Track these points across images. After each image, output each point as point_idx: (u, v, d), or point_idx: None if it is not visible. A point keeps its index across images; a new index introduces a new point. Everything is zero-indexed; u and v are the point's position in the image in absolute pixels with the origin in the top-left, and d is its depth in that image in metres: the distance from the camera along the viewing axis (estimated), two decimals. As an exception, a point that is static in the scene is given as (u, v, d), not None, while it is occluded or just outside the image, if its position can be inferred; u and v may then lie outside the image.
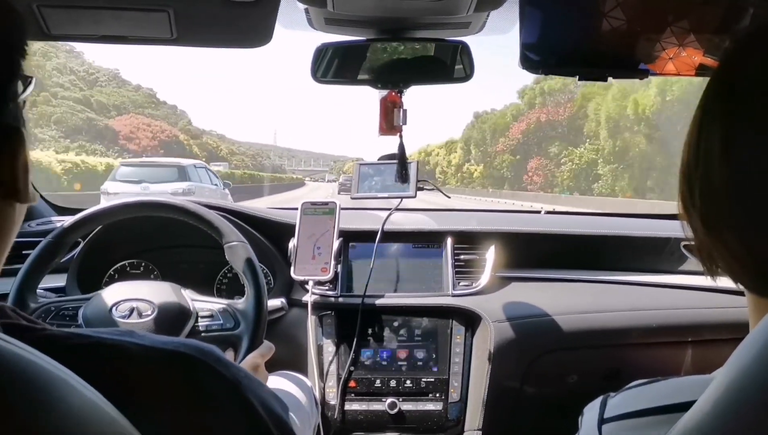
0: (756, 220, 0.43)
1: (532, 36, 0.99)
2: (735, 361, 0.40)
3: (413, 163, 1.36)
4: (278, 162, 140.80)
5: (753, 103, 0.44)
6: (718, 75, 0.48)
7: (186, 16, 0.99)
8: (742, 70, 0.46)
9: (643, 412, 0.50)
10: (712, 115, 0.47)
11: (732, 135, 0.44)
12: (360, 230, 1.53)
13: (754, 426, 0.37)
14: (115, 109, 57.12)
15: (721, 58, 0.48)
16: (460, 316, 1.42)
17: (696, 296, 1.45)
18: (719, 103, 0.47)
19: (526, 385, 1.40)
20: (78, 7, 0.98)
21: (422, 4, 1.00)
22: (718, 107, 0.47)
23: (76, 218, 1.18)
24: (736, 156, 0.44)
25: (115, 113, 55.41)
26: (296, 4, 1.02)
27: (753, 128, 0.43)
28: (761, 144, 0.42)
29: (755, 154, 0.43)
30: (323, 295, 1.44)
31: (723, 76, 0.48)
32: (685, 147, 0.49)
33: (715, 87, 0.48)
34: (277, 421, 0.53)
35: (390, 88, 1.21)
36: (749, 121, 0.44)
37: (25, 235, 1.51)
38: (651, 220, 1.84)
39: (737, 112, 0.45)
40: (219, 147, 73.48)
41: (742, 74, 0.46)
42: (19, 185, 0.48)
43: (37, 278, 1.16)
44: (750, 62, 0.46)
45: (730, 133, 0.44)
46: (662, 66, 0.99)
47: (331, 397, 1.38)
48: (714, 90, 0.48)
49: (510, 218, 1.85)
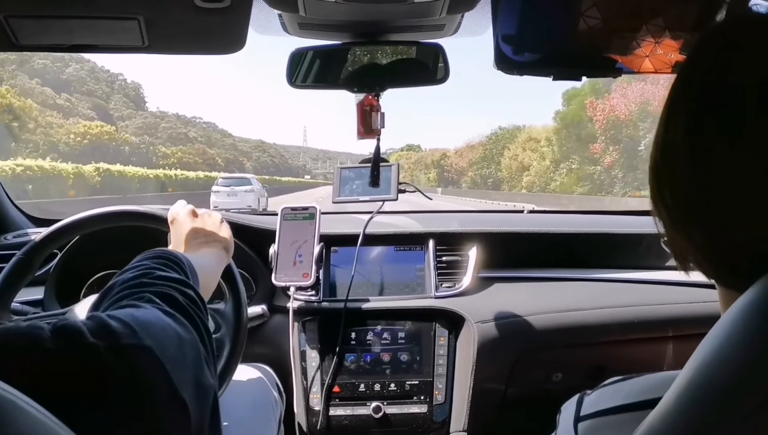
0: (719, 213, 0.44)
1: (506, 37, 0.99)
2: (697, 356, 0.41)
3: (394, 166, 1.36)
4: (309, 164, 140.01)
5: (710, 99, 0.44)
6: (681, 72, 0.49)
7: (156, 24, 0.98)
8: (699, 68, 0.47)
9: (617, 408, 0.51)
10: (676, 113, 0.47)
11: (694, 131, 0.45)
12: (341, 234, 1.52)
13: (714, 419, 0.37)
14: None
15: (687, 56, 0.49)
16: (443, 317, 1.42)
17: (676, 291, 1.46)
18: (682, 101, 0.47)
19: (510, 385, 1.40)
20: (47, 17, 0.97)
21: (394, 8, 1.00)
22: (681, 104, 0.47)
23: (47, 232, 1.15)
24: (698, 153, 0.45)
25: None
26: (270, 9, 1.02)
27: (712, 124, 0.44)
28: (720, 140, 0.43)
29: (716, 150, 0.44)
30: (305, 301, 1.43)
31: (684, 73, 0.48)
32: (654, 142, 0.49)
33: (678, 84, 0.48)
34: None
35: (366, 92, 1.21)
36: (709, 117, 0.44)
37: (1, 248, 1.49)
38: (632, 217, 1.85)
39: (697, 109, 0.45)
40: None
41: (699, 71, 0.47)
42: None
43: (10, 295, 1.12)
44: (705, 59, 0.46)
45: (692, 130, 0.45)
46: (639, 64, 1.00)
47: (315, 402, 1.37)
48: (677, 87, 0.48)
49: (492, 218, 1.85)
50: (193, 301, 0.66)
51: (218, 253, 0.97)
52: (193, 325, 0.61)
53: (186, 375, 0.54)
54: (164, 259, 0.74)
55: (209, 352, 0.62)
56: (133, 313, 0.55)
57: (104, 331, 0.49)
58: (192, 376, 0.55)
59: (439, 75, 1.18)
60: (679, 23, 0.95)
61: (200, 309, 0.66)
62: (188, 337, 0.58)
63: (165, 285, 0.66)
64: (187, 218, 1.00)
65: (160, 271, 0.69)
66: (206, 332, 0.64)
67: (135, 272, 0.69)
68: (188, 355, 0.56)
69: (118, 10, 0.94)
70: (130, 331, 0.51)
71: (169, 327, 0.57)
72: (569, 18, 0.97)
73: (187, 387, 0.53)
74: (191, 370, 0.55)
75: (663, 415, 0.40)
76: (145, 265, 0.71)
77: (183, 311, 0.62)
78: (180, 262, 0.75)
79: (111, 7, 0.94)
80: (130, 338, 0.50)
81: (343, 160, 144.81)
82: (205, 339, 0.62)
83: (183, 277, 0.72)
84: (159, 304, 0.61)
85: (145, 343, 0.51)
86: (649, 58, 0.99)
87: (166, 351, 0.52)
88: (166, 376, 0.51)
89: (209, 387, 0.58)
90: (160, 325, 0.56)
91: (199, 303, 0.67)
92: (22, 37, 1.00)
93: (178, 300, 0.64)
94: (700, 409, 0.38)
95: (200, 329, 0.62)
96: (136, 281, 0.66)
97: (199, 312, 0.65)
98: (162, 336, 0.54)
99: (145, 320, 0.54)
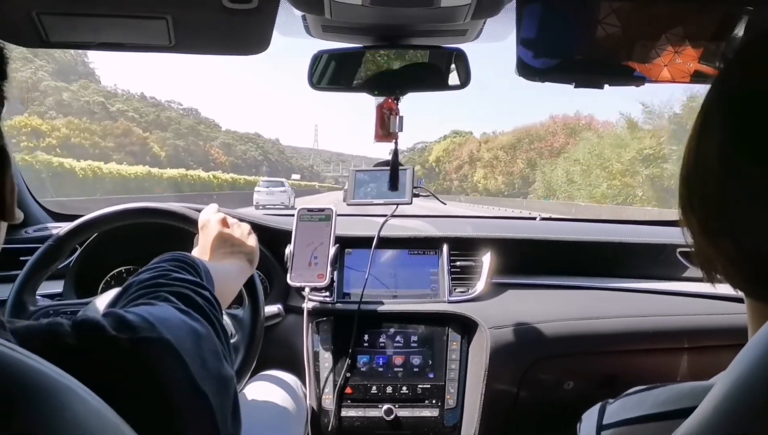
0: (751, 224, 0.44)
1: (528, 43, 0.99)
2: (736, 367, 0.39)
3: (409, 170, 1.37)
4: (319, 166, 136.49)
5: (749, 111, 0.44)
6: (718, 82, 0.48)
7: (184, 24, 0.99)
8: (739, 79, 0.46)
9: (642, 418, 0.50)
10: (711, 121, 0.47)
11: (729, 141, 0.45)
12: (356, 236, 1.53)
13: (755, 432, 0.36)
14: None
15: (721, 66, 0.49)
16: (456, 322, 1.43)
17: (691, 302, 1.45)
18: (718, 110, 0.47)
19: (522, 391, 1.39)
20: (77, 15, 0.98)
21: (419, 12, 1.01)
22: (716, 113, 0.47)
23: (76, 224, 1.18)
24: (732, 162, 0.44)
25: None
26: (293, 11, 1.03)
27: (747, 135, 0.43)
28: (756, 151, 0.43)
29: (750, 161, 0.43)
30: (319, 302, 1.44)
31: (722, 83, 0.48)
32: (686, 152, 0.49)
33: (714, 93, 0.48)
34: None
35: (387, 95, 1.21)
36: (746, 128, 0.44)
37: (23, 242, 1.51)
38: (646, 226, 1.85)
39: (734, 120, 0.45)
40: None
41: (739, 82, 0.46)
42: (6, 205, 0.49)
43: (37, 282, 1.16)
44: (747, 71, 0.46)
45: (727, 140, 0.45)
46: (657, 73, 1.00)
47: (327, 403, 1.38)
48: (713, 96, 0.48)
49: (505, 225, 1.85)
50: (208, 301, 0.67)
51: (242, 264, 0.99)
52: (209, 321, 0.63)
53: (205, 367, 0.54)
54: (181, 262, 0.76)
55: (226, 347, 0.63)
56: (149, 309, 0.56)
57: (124, 325, 0.50)
58: (211, 368, 0.56)
59: (459, 80, 1.19)
60: (699, 33, 0.95)
61: (215, 308, 0.68)
62: (204, 332, 0.59)
63: (181, 285, 0.67)
64: (217, 226, 1.02)
65: (176, 273, 0.71)
66: (222, 329, 0.65)
67: (152, 273, 0.70)
68: (205, 348, 0.57)
69: (147, 9, 0.96)
70: (149, 325, 0.52)
71: (185, 323, 0.58)
72: (589, 25, 0.97)
73: (207, 379, 0.53)
74: (210, 363, 0.56)
75: (700, 424, 0.39)
76: (162, 267, 0.73)
77: (198, 309, 0.63)
78: (196, 265, 0.77)
79: (140, 7, 0.95)
80: (150, 332, 0.51)
81: (357, 163, 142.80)
82: (220, 335, 0.63)
83: (197, 279, 0.73)
84: (175, 302, 0.62)
85: (165, 336, 0.52)
86: (667, 67, 0.99)
87: (184, 344, 0.53)
88: (186, 368, 0.52)
89: (229, 378, 0.59)
90: (175, 320, 0.57)
91: (214, 303, 0.69)
92: (52, 34, 1.01)
93: (193, 298, 0.65)
94: (740, 420, 0.37)
95: (215, 326, 0.63)
96: (152, 281, 0.67)
97: (214, 311, 0.67)
98: (179, 331, 0.55)
99: (162, 315, 0.55)
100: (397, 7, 0.96)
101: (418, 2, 0.94)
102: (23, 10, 0.92)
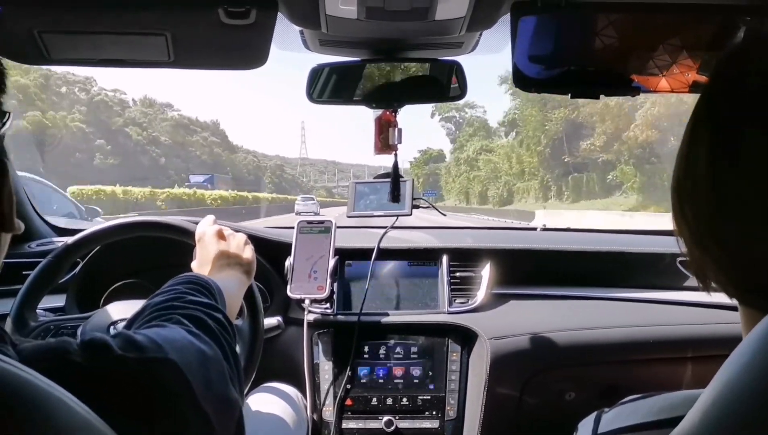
0: (739, 232, 0.44)
1: (524, 55, 1.00)
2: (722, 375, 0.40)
3: (408, 182, 1.37)
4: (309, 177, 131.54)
5: (736, 120, 0.45)
6: (706, 92, 0.49)
7: (183, 40, 1.00)
8: (726, 88, 0.47)
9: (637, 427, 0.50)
10: (701, 131, 0.48)
11: (717, 150, 0.45)
12: (356, 248, 1.53)
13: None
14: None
15: (710, 75, 0.49)
16: (456, 333, 1.42)
17: (693, 312, 1.45)
18: (706, 119, 0.48)
19: (522, 402, 1.39)
20: (77, 33, 1.00)
21: (415, 26, 1.02)
22: (705, 123, 0.47)
23: (76, 238, 1.19)
24: (720, 171, 0.45)
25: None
26: (291, 26, 1.04)
27: (734, 141, 0.44)
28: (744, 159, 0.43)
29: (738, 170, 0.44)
30: (320, 314, 1.44)
31: (710, 93, 0.48)
32: (677, 161, 0.49)
33: (703, 103, 0.48)
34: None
35: (384, 108, 1.23)
36: (733, 137, 0.44)
37: (25, 256, 1.52)
38: (647, 236, 1.84)
39: (722, 129, 0.45)
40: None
41: (726, 92, 0.47)
42: (5, 215, 0.50)
43: (38, 297, 1.16)
44: (731, 81, 0.46)
45: (716, 149, 0.45)
46: (655, 83, 1.00)
47: (327, 415, 1.38)
48: (702, 106, 0.48)
49: (506, 235, 1.85)
50: (221, 324, 0.68)
51: (240, 276, 1.00)
52: (219, 344, 0.64)
53: (209, 389, 0.55)
54: (195, 284, 0.77)
55: (234, 370, 0.64)
56: (158, 331, 0.58)
57: (131, 346, 0.52)
58: (216, 390, 0.57)
59: (456, 92, 1.20)
60: (697, 43, 0.96)
61: (227, 331, 0.69)
62: (212, 354, 0.60)
63: (195, 308, 0.69)
64: (213, 239, 1.02)
65: (191, 296, 0.72)
66: (232, 353, 0.66)
67: (166, 296, 0.72)
68: (212, 371, 0.58)
69: (146, 26, 0.97)
70: (156, 345, 0.53)
71: (193, 345, 0.59)
72: (587, 37, 0.98)
73: (211, 401, 0.54)
74: (215, 385, 0.57)
75: (688, 432, 0.40)
76: (177, 290, 0.74)
77: (209, 332, 0.65)
78: (210, 287, 0.79)
79: (139, 24, 0.97)
80: (156, 352, 0.52)
81: (356, 171, 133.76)
82: (230, 358, 0.64)
83: (212, 301, 0.75)
84: (186, 325, 0.63)
85: (170, 356, 0.53)
86: (666, 78, 0.99)
87: (190, 366, 0.54)
88: (190, 389, 0.52)
89: (234, 401, 0.60)
90: (183, 342, 0.58)
91: (227, 325, 0.70)
92: (53, 52, 1.03)
93: (205, 322, 0.66)
94: (727, 429, 0.37)
95: (225, 349, 0.65)
96: (167, 304, 0.69)
97: (226, 334, 0.68)
98: (185, 352, 0.56)
99: (170, 337, 0.56)
100: (392, 21, 0.97)
101: (413, 16, 0.95)
102: (25, 29, 0.94)
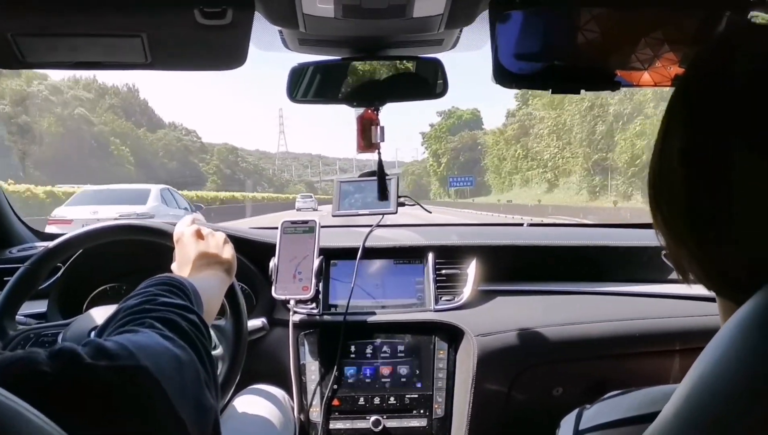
0: (712, 225, 0.44)
1: (504, 51, 1.00)
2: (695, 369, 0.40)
3: (393, 179, 1.37)
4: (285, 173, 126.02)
5: (707, 113, 0.45)
6: (680, 85, 0.49)
7: (159, 41, 0.99)
8: (697, 76, 0.47)
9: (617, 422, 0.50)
10: (674, 124, 0.48)
11: (689, 144, 0.45)
12: (341, 248, 1.53)
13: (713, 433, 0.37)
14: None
15: (686, 69, 0.49)
16: (443, 331, 1.42)
17: (679, 305, 1.45)
18: (679, 112, 0.48)
19: (510, 398, 1.39)
20: (53, 35, 0.98)
21: (393, 23, 1.01)
22: (678, 116, 0.47)
23: (55, 243, 1.17)
24: (692, 164, 0.45)
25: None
26: (270, 25, 1.03)
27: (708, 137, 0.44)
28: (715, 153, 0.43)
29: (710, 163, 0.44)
30: (305, 314, 1.43)
31: (683, 86, 0.48)
32: (653, 155, 0.49)
33: (675, 97, 0.48)
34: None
35: (366, 106, 1.22)
36: (704, 130, 0.44)
37: (6, 262, 1.50)
38: (633, 229, 1.85)
39: (694, 121, 0.46)
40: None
41: (696, 79, 0.47)
42: None
43: (17, 304, 1.14)
44: (703, 67, 0.47)
45: (688, 142, 0.45)
46: (638, 77, 1.00)
47: (315, 416, 1.37)
48: (676, 99, 0.48)
49: (492, 231, 1.85)
50: (195, 326, 0.67)
51: (221, 275, 0.99)
52: (193, 348, 0.62)
53: (184, 395, 0.54)
54: (168, 286, 0.76)
55: (210, 374, 0.63)
56: (129, 337, 0.56)
57: (101, 354, 0.50)
58: (191, 396, 0.56)
59: (438, 89, 1.19)
60: (679, 37, 0.96)
61: (202, 333, 0.68)
62: (187, 359, 0.59)
63: (167, 310, 0.67)
64: (191, 239, 1.01)
65: (163, 298, 0.71)
66: (207, 356, 0.65)
67: (139, 299, 0.70)
68: (186, 376, 0.57)
69: (122, 28, 0.96)
70: (127, 352, 0.52)
71: (166, 349, 0.57)
72: (568, 32, 0.98)
73: (186, 407, 0.53)
74: (190, 391, 0.56)
75: (662, 429, 0.40)
76: (150, 292, 0.72)
77: (183, 335, 0.63)
78: (184, 287, 0.77)
79: (115, 26, 0.96)
80: (128, 359, 0.51)
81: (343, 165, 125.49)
82: (205, 361, 0.63)
83: (187, 302, 0.73)
84: (159, 328, 0.62)
85: (142, 363, 0.52)
86: (648, 72, 1.00)
87: (164, 372, 0.53)
88: (164, 395, 0.51)
89: (209, 408, 0.59)
90: (156, 347, 0.57)
91: (201, 327, 0.68)
92: (28, 55, 1.01)
93: (178, 324, 0.65)
94: (699, 424, 0.38)
95: (200, 352, 0.63)
96: (139, 308, 0.67)
97: (201, 336, 0.67)
98: (159, 358, 0.55)
99: (142, 343, 0.55)
100: (370, 19, 0.97)
101: (390, 14, 0.95)
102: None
